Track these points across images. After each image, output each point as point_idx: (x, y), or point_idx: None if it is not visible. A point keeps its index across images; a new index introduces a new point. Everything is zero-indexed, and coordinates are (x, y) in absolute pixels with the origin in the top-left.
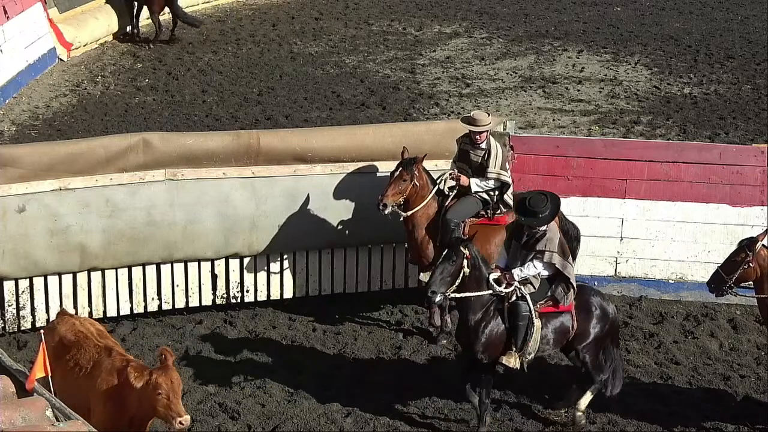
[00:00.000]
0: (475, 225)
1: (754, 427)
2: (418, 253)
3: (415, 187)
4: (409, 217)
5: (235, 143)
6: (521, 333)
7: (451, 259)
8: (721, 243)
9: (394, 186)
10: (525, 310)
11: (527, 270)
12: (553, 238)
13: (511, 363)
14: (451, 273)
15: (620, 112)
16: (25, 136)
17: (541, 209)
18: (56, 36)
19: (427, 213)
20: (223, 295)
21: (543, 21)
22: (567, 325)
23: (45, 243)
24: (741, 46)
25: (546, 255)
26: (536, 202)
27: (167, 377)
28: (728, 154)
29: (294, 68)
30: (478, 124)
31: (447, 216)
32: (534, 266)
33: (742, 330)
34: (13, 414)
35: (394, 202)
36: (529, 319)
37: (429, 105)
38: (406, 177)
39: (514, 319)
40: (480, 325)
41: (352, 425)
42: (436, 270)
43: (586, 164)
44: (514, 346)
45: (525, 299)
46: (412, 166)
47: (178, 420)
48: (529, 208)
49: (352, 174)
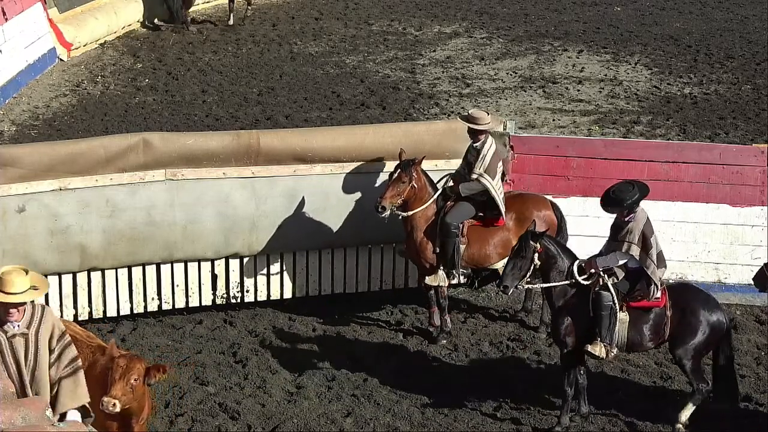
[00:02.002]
0: (473, 226)
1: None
2: (417, 255)
3: (414, 189)
4: (408, 219)
5: (235, 143)
6: (604, 322)
7: (521, 254)
8: (721, 243)
9: (392, 188)
10: (608, 299)
11: (609, 260)
12: (634, 230)
13: (596, 351)
14: (521, 266)
15: (620, 112)
16: (25, 136)
17: (626, 197)
18: (56, 36)
19: (426, 215)
20: (223, 295)
21: (543, 21)
22: (658, 322)
23: (45, 243)
24: (741, 46)
25: (625, 246)
26: (622, 190)
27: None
28: (728, 154)
29: (294, 68)
30: (477, 123)
31: (446, 219)
32: (616, 257)
33: (742, 330)
34: (13, 414)
35: (393, 204)
36: (612, 309)
37: (429, 105)
38: (404, 179)
39: (597, 309)
40: (561, 313)
41: (352, 425)
42: (508, 264)
43: (586, 164)
44: (598, 336)
45: (608, 289)
46: (410, 168)
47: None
48: (612, 197)
49: (352, 174)
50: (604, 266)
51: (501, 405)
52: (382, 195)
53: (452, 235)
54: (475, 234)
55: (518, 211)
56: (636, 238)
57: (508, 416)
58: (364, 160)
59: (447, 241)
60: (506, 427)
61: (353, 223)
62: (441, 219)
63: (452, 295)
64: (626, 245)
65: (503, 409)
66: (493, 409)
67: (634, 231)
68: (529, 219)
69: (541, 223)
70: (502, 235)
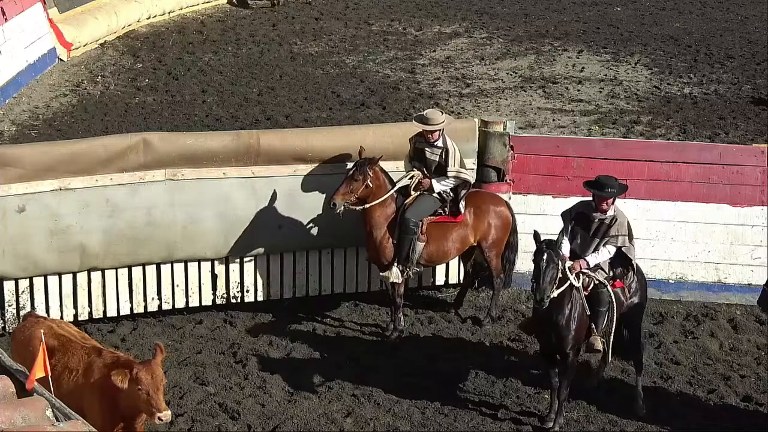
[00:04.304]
0: (432, 223)
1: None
2: (377, 254)
3: (369, 188)
4: (367, 218)
5: (235, 143)
6: (603, 318)
7: (553, 262)
8: (721, 243)
9: (345, 185)
10: (607, 296)
11: (601, 256)
12: (624, 223)
13: (600, 346)
14: (553, 276)
15: (620, 112)
16: (25, 136)
17: (611, 184)
18: (56, 36)
19: (385, 213)
20: (223, 295)
21: (543, 21)
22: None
23: (45, 243)
24: (741, 46)
25: (620, 240)
26: (606, 180)
27: (148, 372)
28: (728, 154)
29: (294, 68)
30: (431, 123)
31: (406, 215)
32: (608, 251)
33: (742, 330)
34: (13, 414)
35: (345, 201)
36: (611, 303)
37: (429, 105)
38: (358, 177)
39: (596, 305)
40: (570, 319)
41: (352, 425)
42: (545, 275)
43: (586, 164)
44: (595, 330)
45: (605, 286)
46: (366, 167)
47: (157, 415)
48: (600, 183)
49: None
50: (595, 264)
51: (501, 405)
52: (335, 191)
53: (411, 232)
54: (434, 231)
55: (475, 206)
56: (626, 229)
57: (508, 416)
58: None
59: (405, 238)
60: (506, 427)
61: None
62: (401, 215)
63: (451, 296)
64: (621, 239)
65: (503, 409)
66: (493, 409)
67: (624, 223)
68: (486, 213)
69: (498, 219)
70: (461, 231)
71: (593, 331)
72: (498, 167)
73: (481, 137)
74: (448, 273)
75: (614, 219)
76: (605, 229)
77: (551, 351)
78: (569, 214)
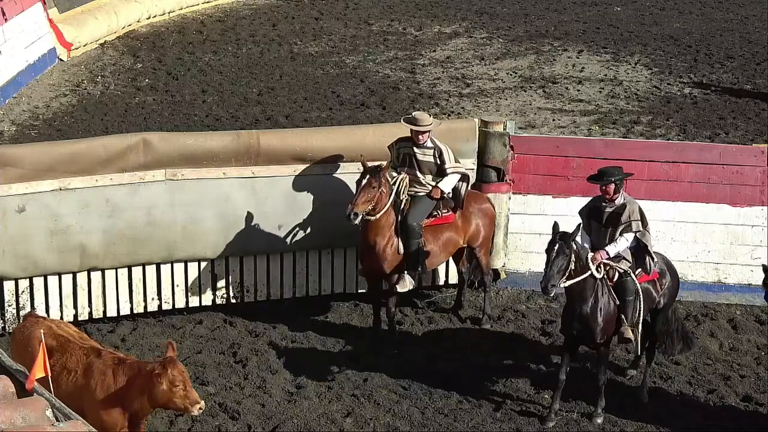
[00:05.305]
0: (427, 226)
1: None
2: (379, 262)
3: (381, 194)
4: (373, 228)
5: (235, 143)
6: (631, 307)
7: (563, 253)
8: (721, 243)
9: (363, 194)
10: (632, 284)
11: (620, 245)
12: (635, 209)
13: (631, 336)
14: (562, 266)
15: (620, 112)
16: (25, 136)
17: (615, 172)
18: (56, 36)
19: (388, 221)
20: (223, 295)
21: (543, 21)
22: (654, 295)
23: (45, 243)
24: (741, 46)
25: (633, 225)
26: (606, 169)
27: (178, 369)
28: (728, 154)
29: (294, 68)
30: (420, 124)
31: (409, 221)
32: (626, 239)
33: (742, 330)
34: (13, 414)
35: (364, 210)
36: (637, 292)
37: (429, 105)
38: (374, 184)
39: (624, 295)
40: (596, 310)
41: (352, 425)
42: (553, 265)
43: (586, 164)
44: (625, 321)
45: (629, 275)
46: (379, 173)
47: (197, 407)
48: (601, 172)
49: (351, 174)
50: (615, 253)
51: (501, 405)
52: (353, 201)
53: (416, 236)
54: (428, 233)
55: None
56: (637, 214)
57: (508, 416)
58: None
59: (412, 243)
60: (506, 427)
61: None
62: (402, 221)
63: (451, 296)
64: (635, 224)
65: (503, 409)
66: (493, 409)
67: (635, 209)
68: (472, 214)
69: (484, 217)
70: (450, 232)
71: (623, 322)
72: (498, 167)
73: (481, 137)
74: (448, 273)
75: (624, 206)
76: (617, 218)
77: (574, 343)
78: (585, 209)
